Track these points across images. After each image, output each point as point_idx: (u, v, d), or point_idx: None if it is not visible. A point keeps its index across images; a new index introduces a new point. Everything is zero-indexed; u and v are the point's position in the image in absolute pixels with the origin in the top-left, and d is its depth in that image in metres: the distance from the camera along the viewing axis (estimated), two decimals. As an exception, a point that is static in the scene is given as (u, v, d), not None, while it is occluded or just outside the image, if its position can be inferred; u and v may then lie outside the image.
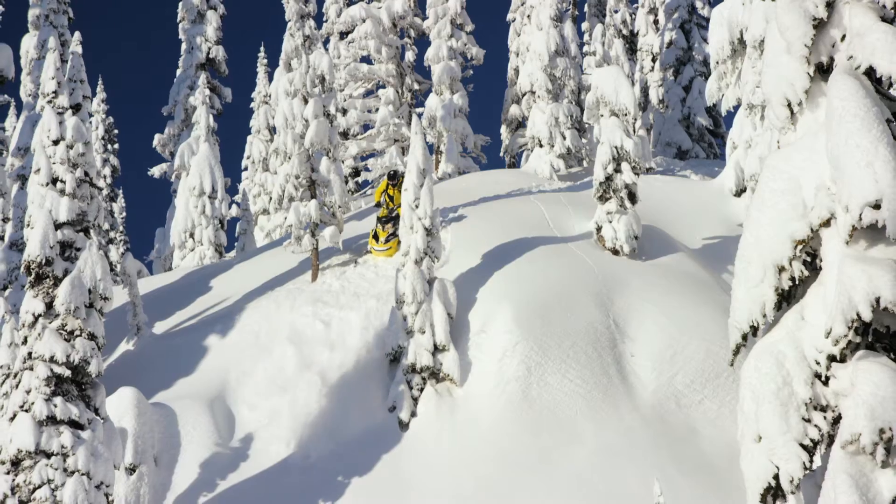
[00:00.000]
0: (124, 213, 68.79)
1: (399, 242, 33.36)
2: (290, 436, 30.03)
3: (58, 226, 28.08)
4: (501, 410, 29.59)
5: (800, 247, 13.65)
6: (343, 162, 50.73)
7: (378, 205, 36.64)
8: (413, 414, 30.20)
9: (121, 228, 67.81)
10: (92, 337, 27.07)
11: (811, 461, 13.31)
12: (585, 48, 50.38)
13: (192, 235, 53.01)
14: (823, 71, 14.32)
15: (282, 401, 30.89)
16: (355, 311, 33.11)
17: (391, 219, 35.32)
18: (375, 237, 35.18)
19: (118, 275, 41.89)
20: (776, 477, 13.38)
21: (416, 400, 30.43)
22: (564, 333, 30.82)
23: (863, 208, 12.67)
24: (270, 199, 55.50)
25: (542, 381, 29.97)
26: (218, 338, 34.06)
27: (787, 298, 13.99)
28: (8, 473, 26.15)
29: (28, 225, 29.53)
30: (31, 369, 26.70)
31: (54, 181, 28.62)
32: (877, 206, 12.63)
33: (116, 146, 67.71)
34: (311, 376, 31.31)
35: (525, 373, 30.07)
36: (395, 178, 36.35)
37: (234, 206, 57.57)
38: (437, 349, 30.70)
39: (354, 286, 34.42)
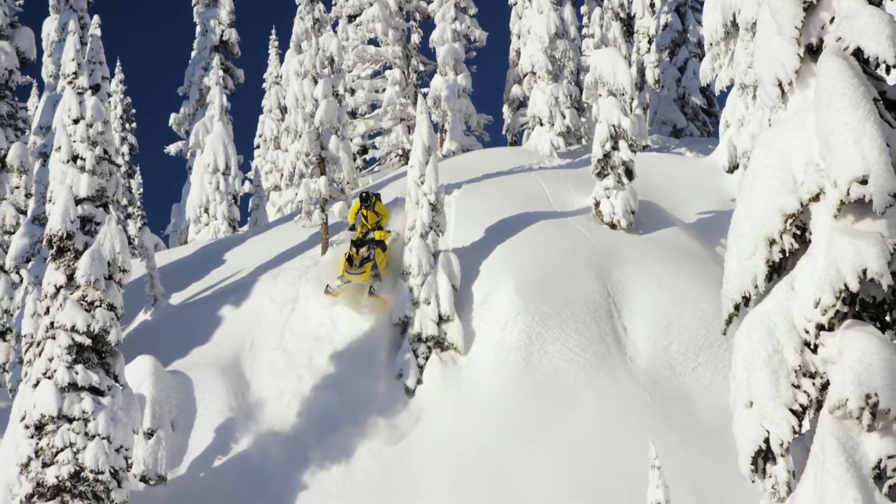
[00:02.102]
0: (142, 190, 68.75)
1: (374, 266, 32.00)
2: (301, 401, 30.11)
3: (78, 201, 28.10)
4: (503, 378, 29.64)
5: (790, 220, 13.65)
6: (351, 140, 50.64)
7: (352, 227, 33.91)
8: (419, 381, 30.27)
9: (138, 204, 67.79)
10: (111, 307, 27.13)
11: (800, 425, 13.33)
12: (584, 31, 50.17)
13: (206, 210, 53.10)
14: (813, 52, 14.30)
15: (293, 368, 30.93)
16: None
17: (365, 242, 32.65)
18: (350, 260, 32.36)
19: (136, 248, 41.95)
20: (766, 441, 13.41)
21: (421, 368, 30.49)
22: (564, 304, 30.83)
23: (850, 183, 12.67)
24: (282, 175, 55.30)
25: (542, 350, 30.00)
26: (232, 308, 34.11)
27: (777, 270, 14.00)
28: (32, 437, 26.25)
29: (50, 200, 29.61)
30: (54, 338, 26.76)
31: (74, 158, 28.63)
32: (864, 182, 12.63)
33: (134, 125, 67.60)
34: (321, 344, 31.36)
35: (526, 342, 30.10)
36: (368, 200, 33.62)
37: (246, 182, 57.55)
38: (441, 319, 30.74)
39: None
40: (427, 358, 30.61)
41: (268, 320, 32.99)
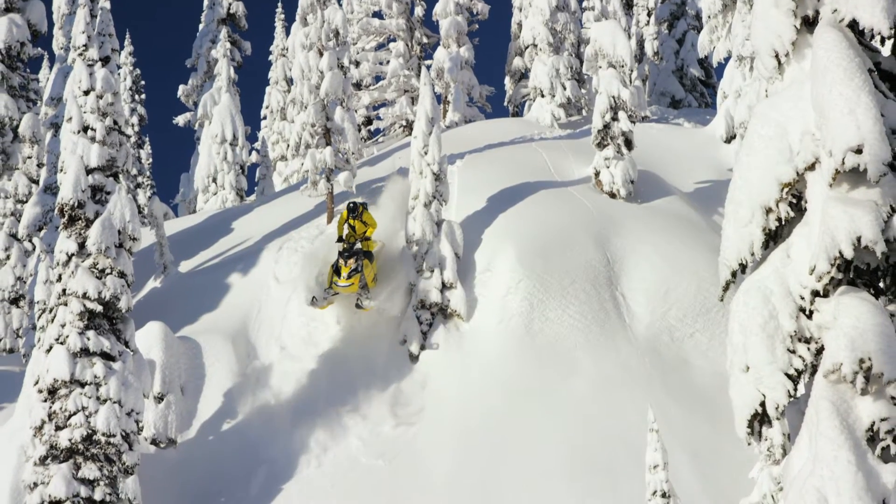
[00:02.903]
0: (151, 160, 68.70)
1: (362, 277, 30.43)
2: (307, 366, 30.20)
3: (89, 171, 28.11)
4: (505, 343, 29.69)
5: (786, 189, 13.64)
6: (356, 111, 50.56)
7: (340, 238, 31.66)
8: (422, 347, 30.31)
9: (148, 174, 67.76)
10: (122, 275, 27.18)
11: (795, 389, 13.36)
12: (584, 3, 50.04)
13: (214, 180, 53.09)
14: (809, 24, 14.26)
15: (299, 334, 30.98)
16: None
17: (353, 253, 30.71)
18: (337, 271, 30.55)
19: (146, 217, 41.99)
20: (762, 404, 13.44)
21: (425, 334, 30.54)
22: (564, 271, 30.85)
23: (845, 153, 12.66)
24: (288, 146, 55.41)
25: (543, 317, 30.04)
26: (239, 276, 34.15)
27: (773, 238, 14.00)
28: (45, 401, 26.34)
29: (61, 170, 29.60)
30: (66, 305, 26.83)
31: (85, 129, 28.61)
32: (858, 151, 12.62)
33: (143, 96, 67.41)
34: (327, 311, 31.39)
35: (527, 308, 30.14)
36: (356, 210, 31.54)
37: (253, 152, 57.45)
38: (445, 286, 30.77)
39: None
40: (431, 324, 30.67)
41: (274, 288, 33.03)
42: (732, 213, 14.28)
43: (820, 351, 13.07)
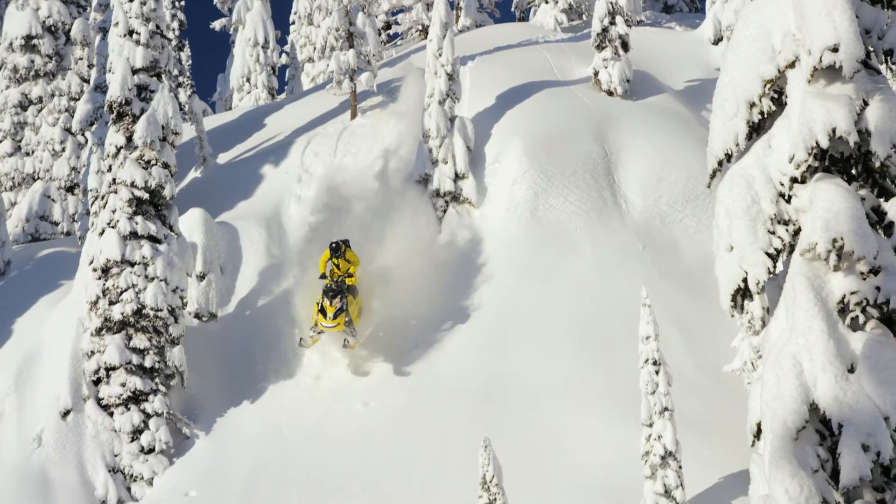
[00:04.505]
0: (190, 61, 67.96)
1: (347, 314, 26.94)
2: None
3: (134, 71, 28.06)
4: (513, 228, 29.75)
5: (768, 85, 13.58)
6: (376, 17, 50.09)
7: (322, 276, 28.13)
8: (438, 231, 30.36)
9: (188, 74, 67.19)
10: (166, 165, 27.26)
11: (774, 267, 13.41)
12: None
13: (248, 80, 52.87)
14: (791, -68, 14.07)
15: (326, 219, 31.01)
16: (389, 142, 33.14)
17: (338, 292, 27.06)
18: (322, 311, 26.93)
19: (186, 114, 41.92)
20: (745, 280, 13.50)
21: (440, 220, 30.57)
22: (566, 163, 30.79)
23: (823, 51, 12.59)
24: (314, 49, 54.85)
25: (547, 204, 30.06)
26: (272, 167, 34.16)
27: (756, 130, 13.96)
28: (99, 279, 26.57)
29: (109, 70, 29.54)
30: (116, 192, 26.94)
31: (130, 33, 28.49)
32: (835, 50, 12.56)
33: (182, 3, 66.69)
34: (353, 199, 31.35)
35: (533, 196, 30.14)
36: (339, 249, 27.73)
37: (283, 55, 56.99)
38: (457, 177, 30.76)
39: (384, 124, 34.42)
40: (445, 211, 30.69)
41: (304, 177, 33.08)
42: (719, 107, 14.24)
43: (797, 232, 13.10)
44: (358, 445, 25.21)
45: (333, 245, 27.66)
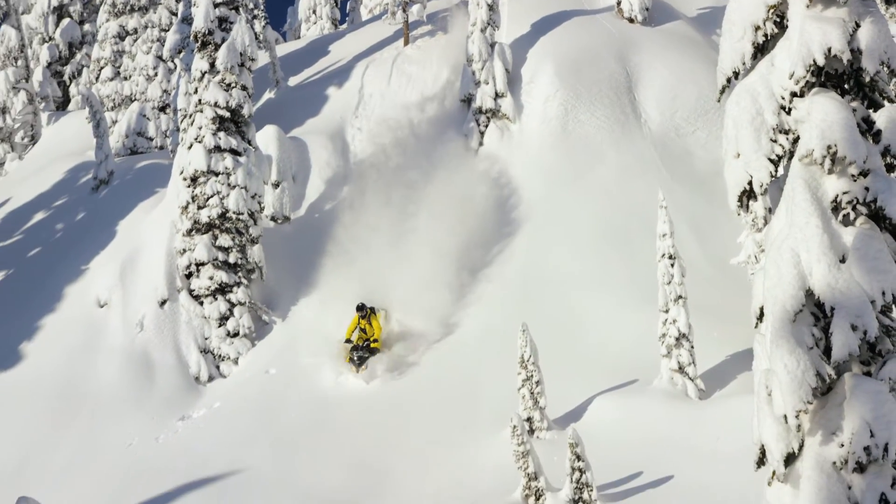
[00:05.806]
0: (263, -4, 67.89)
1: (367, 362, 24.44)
2: (390, 153, 30.10)
3: (216, 5, 27.95)
4: (546, 140, 29.65)
5: (772, 10, 13.36)
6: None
7: (348, 340, 24.86)
8: (480, 143, 30.31)
9: (262, 7, 66.82)
10: (244, 88, 27.27)
11: (776, 171, 13.29)
12: None
13: (314, 12, 52.64)
14: None
15: (382, 128, 31.00)
16: (437, 66, 32.99)
17: (363, 357, 24.51)
18: (352, 361, 24.60)
19: (261, 42, 41.71)
20: (750, 183, 13.39)
21: (482, 133, 30.49)
22: (592, 83, 30.57)
23: (821, -21, 12.38)
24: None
25: (575, 119, 29.89)
26: (335, 88, 34.10)
27: (761, 50, 13.76)
28: (188, 187, 26.78)
29: (194, 4, 29.42)
30: (202, 112, 27.01)
31: (211, -29, 28.34)
32: (832, -22, 12.35)
33: (256, -57, 66.32)
34: (406, 112, 31.31)
35: (563, 112, 29.98)
36: (364, 310, 24.81)
37: (346, -12, 56.72)
38: (497, 95, 30.58)
39: (434, 49, 34.20)
40: (486, 126, 30.57)
41: (362, 96, 33.03)
42: (728, 31, 14.02)
43: (796, 140, 12.96)
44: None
45: (360, 305, 24.76)
